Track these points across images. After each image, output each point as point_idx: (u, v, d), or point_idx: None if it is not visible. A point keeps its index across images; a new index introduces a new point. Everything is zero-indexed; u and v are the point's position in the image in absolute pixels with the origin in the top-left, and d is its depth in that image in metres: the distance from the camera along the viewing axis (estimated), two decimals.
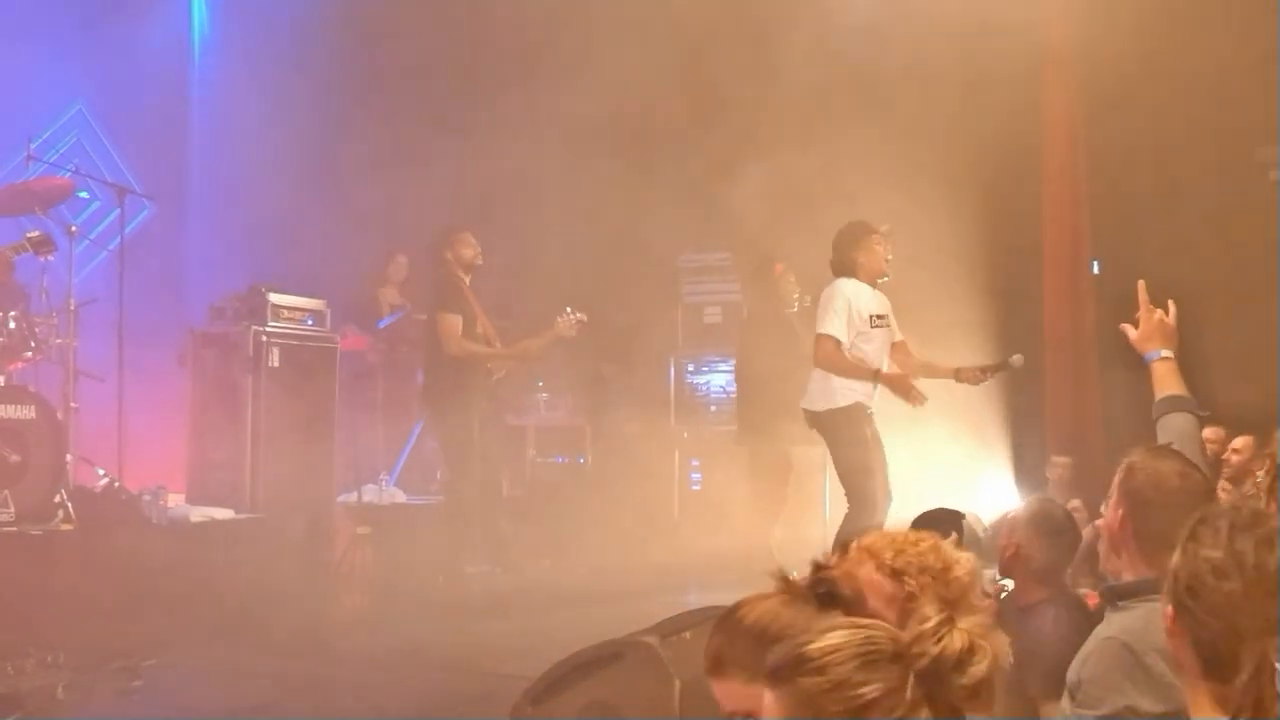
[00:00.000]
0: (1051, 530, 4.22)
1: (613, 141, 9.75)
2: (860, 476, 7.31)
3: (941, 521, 4.73)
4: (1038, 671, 3.54)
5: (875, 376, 7.35)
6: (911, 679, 1.72)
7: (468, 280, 8.76)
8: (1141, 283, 4.20)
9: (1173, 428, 3.89)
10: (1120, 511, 3.16)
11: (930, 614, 1.80)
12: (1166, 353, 4.08)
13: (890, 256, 7.53)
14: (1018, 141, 9.82)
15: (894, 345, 7.59)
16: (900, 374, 7.44)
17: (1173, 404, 3.97)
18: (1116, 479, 3.35)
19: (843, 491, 7.44)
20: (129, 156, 10.57)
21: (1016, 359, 7.43)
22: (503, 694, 4.58)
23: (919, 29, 9.15)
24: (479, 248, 8.80)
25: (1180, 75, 9.26)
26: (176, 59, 11.49)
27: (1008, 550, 4.21)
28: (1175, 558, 2.38)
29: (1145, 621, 2.88)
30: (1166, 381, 4.04)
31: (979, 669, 1.72)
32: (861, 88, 9.52)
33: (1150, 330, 4.11)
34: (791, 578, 2.41)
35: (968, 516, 5.22)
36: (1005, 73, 9.27)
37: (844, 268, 7.47)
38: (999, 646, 1.79)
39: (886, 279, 7.53)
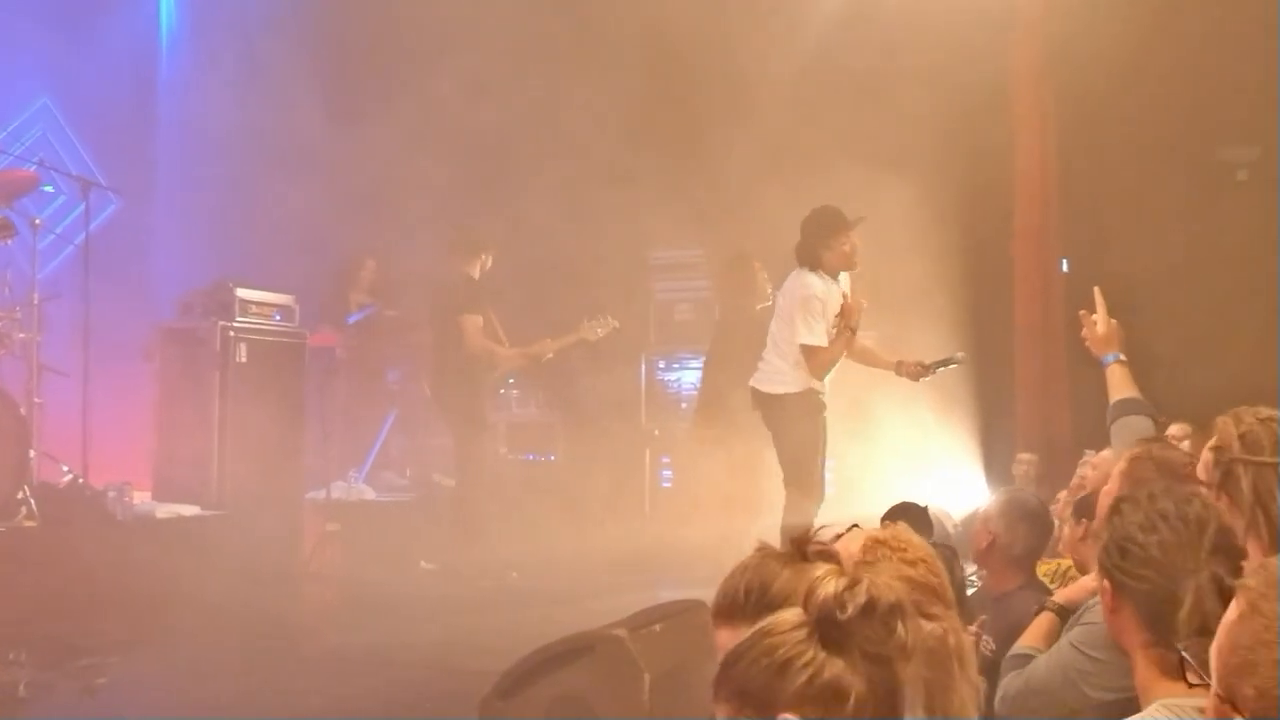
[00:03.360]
0: (1027, 516, 4.30)
1: (584, 137, 9.72)
2: (806, 464, 7.29)
3: (910, 515, 4.76)
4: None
5: (849, 344, 7.34)
6: (812, 638, 1.77)
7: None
8: (1098, 288, 4.29)
9: (1132, 429, 4.00)
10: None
11: (815, 571, 1.90)
12: (1121, 355, 4.21)
13: (857, 252, 7.37)
14: (988, 142, 9.84)
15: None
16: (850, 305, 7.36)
17: (1131, 406, 4.11)
18: (1120, 468, 3.41)
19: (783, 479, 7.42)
20: (95, 151, 10.47)
21: (959, 356, 7.43)
22: (472, 690, 4.55)
23: (892, 25, 9.17)
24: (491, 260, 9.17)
25: (1149, 75, 9.30)
26: (144, 53, 11.38)
27: (984, 540, 4.28)
28: (1104, 539, 2.49)
29: None
30: (1123, 384, 4.18)
31: (858, 599, 1.75)
32: (833, 83, 9.53)
33: (1109, 333, 4.23)
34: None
35: (938, 511, 5.25)
36: (976, 74, 9.30)
37: (808, 259, 7.35)
38: (883, 584, 1.81)
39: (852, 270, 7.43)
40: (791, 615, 1.82)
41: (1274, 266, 9.51)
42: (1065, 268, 10.26)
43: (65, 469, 8.07)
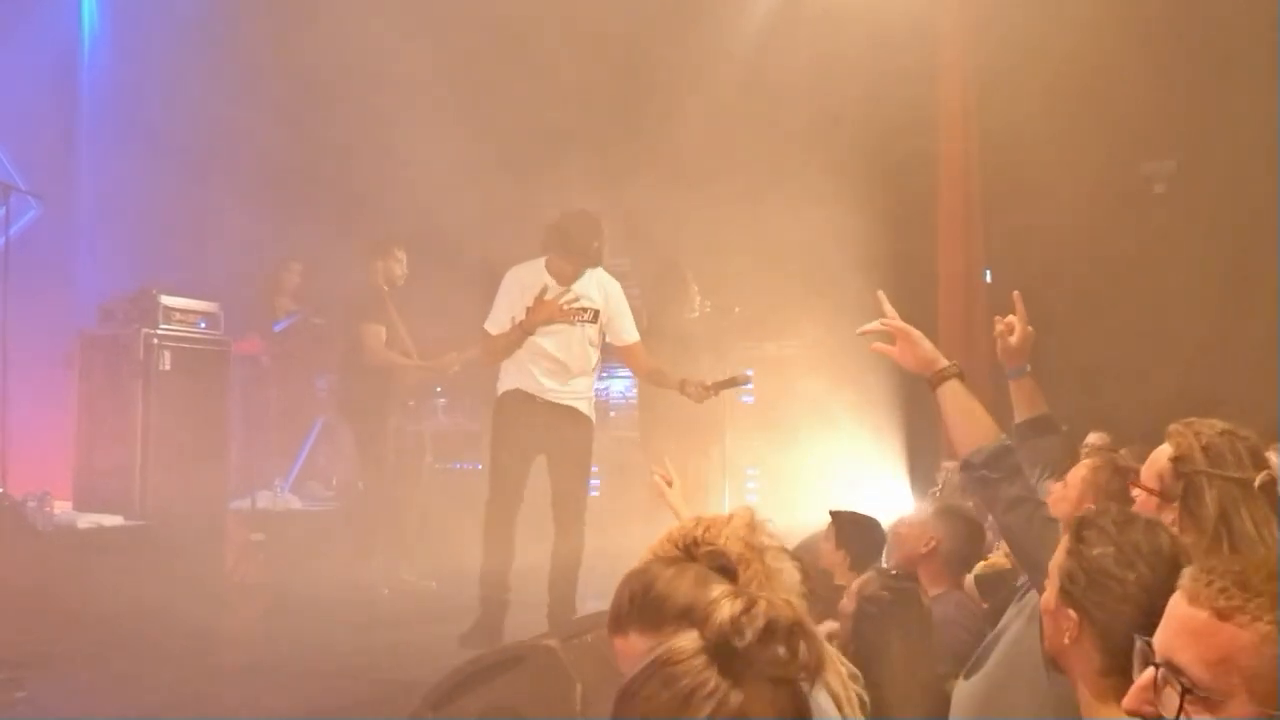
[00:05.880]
0: (966, 525, 4.36)
1: (513, 146, 9.72)
2: (492, 466, 6.92)
3: (859, 525, 4.83)
4: (945, 653, 3.64)
5: (519, 329, 6.78)
6: (712, 665, 1.72)
7: (389, 291, 8.95)
8: (1017, 293, 4.08)
9: (1046, 450, 3.89)
10: (1088, 504, 3.19)
11: (711, 593, 1.86)
12: (1029, 368, 4.03)
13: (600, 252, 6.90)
14: (915, 153, 9.97)
15: (624, 348, 7.18)
16: (544, 304, 6.77)
17: (1041, 426, 3.95)
18: (1081, 475, 3.40)
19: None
20: (15, 155, 10.28)
21: (742, 375, 7.46)
22: (400, 700, 4.53)
23: (821, 40, 9.26)
24: (406, 265, 9.00)
25: (1071, 91, 9.47)
26: (65, 56, 11.22)
27: (924, 546, 4.33)
28: (1063, 563, 2.44)
29: None
30: (1033, 401, 3.99)
31: (756, 623, 1.73)
32: (763, 95, 9.61)
33: (1024, 343, 4.01)
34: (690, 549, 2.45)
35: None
36: (904, 88, 9.43)
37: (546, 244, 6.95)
38: (781, 603, 1.79)
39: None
40: (688, 642, 1.76)
41: (1190, 278, 9.72)
42: (989, 278, 10.40)
43: None
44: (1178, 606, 1.80)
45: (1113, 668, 2.27)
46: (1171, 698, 1.71)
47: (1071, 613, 2.37)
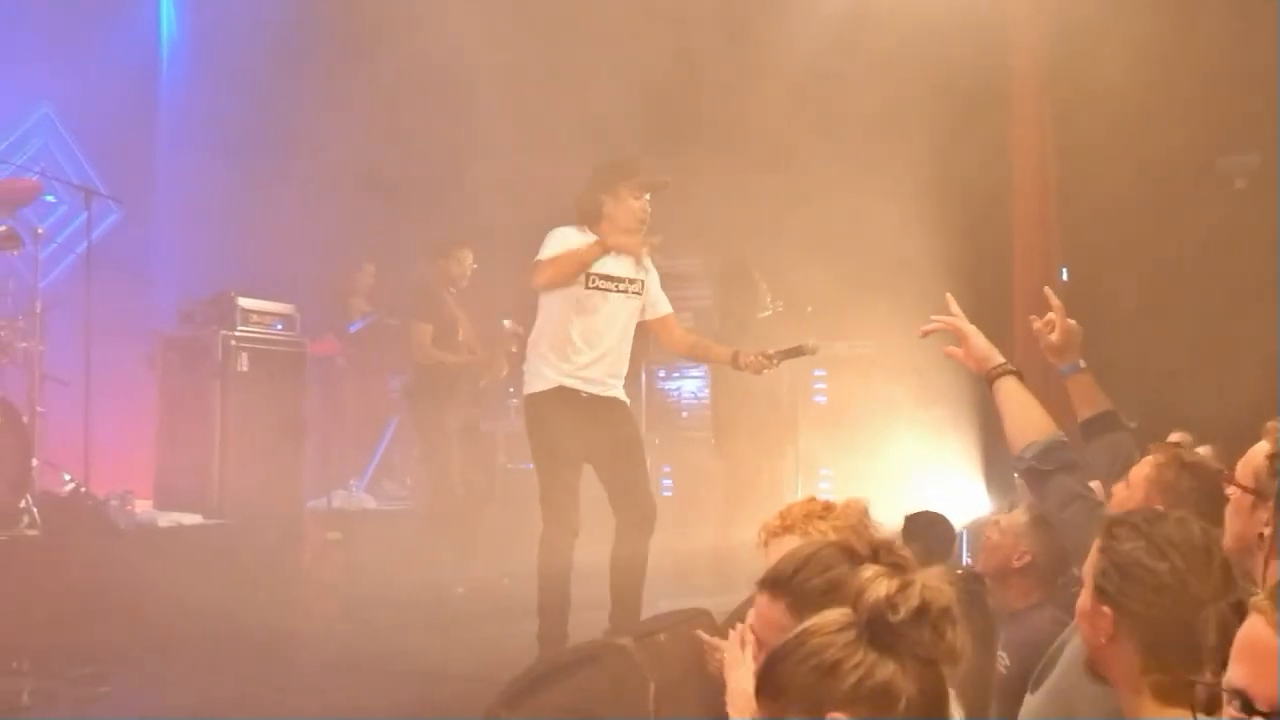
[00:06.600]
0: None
1: (580, 147, 9.73)
2: (544, 482, 6.37)
3: (932, 523, 4.75)
4: (1038, 670, 3.54)
5: (597, 245, 6.15)
6: (861, 639, 1.78)
7: (454, 291, 9.05)
8: (1048, 288, 3.95)
9: (1114, 447, 3.80)
10: (1155, 504, 3.13)
11: (864, 572, 1.89)
12: (1082, 363, 3.91)
13: (647, 216, 6.34)
14: (988, 151, 9.85)
15: (659, 321, 6.66)
16: (626, 237, 6.20)
17: (1106, 423, 3.85)
18: (1145, 474, 3.32)
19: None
20: (96, 160, 10.48)
21: (810, 344, 6.62)
22: (475, 699, 4.56)
23: (890, 35, 9.19)
24: (470, 267, 9.08)
25: (1147, 85, 9.31)
26: (145, 62, 11.42)
27: (1018, 558, 4.15)
28: (1093, 563, 2.40)
29: None
30: (1094, 396, 3.88)
31: (910, 602, 1.77)
32: (830, 93, 9.55)
33: (1068, 339, 3.89)
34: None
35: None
36: (976, 84, 9.33)
37: (586, 215, 6.36)
38: (935, 587, 1.82)
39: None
40: (838, 615, 1.82)
41: (1273, 274, 9.53)
42: (1065, 277, 10.27)
43: (67, 477, 8.08)
44: None
45: (1151, 665, 2.24)
46: None
47: (1106, 609, 2.33)
